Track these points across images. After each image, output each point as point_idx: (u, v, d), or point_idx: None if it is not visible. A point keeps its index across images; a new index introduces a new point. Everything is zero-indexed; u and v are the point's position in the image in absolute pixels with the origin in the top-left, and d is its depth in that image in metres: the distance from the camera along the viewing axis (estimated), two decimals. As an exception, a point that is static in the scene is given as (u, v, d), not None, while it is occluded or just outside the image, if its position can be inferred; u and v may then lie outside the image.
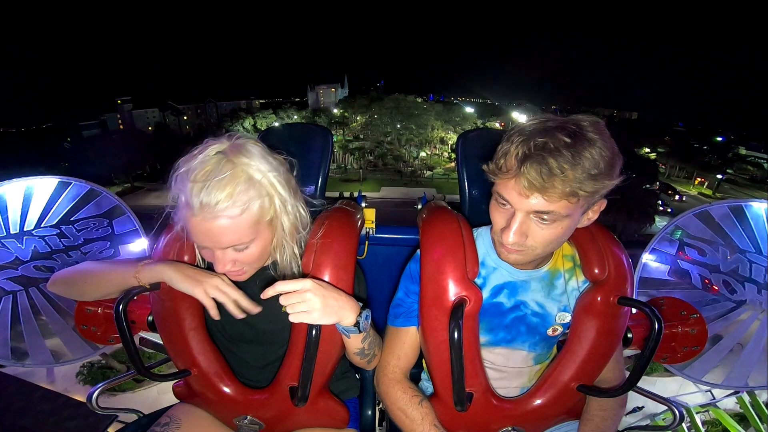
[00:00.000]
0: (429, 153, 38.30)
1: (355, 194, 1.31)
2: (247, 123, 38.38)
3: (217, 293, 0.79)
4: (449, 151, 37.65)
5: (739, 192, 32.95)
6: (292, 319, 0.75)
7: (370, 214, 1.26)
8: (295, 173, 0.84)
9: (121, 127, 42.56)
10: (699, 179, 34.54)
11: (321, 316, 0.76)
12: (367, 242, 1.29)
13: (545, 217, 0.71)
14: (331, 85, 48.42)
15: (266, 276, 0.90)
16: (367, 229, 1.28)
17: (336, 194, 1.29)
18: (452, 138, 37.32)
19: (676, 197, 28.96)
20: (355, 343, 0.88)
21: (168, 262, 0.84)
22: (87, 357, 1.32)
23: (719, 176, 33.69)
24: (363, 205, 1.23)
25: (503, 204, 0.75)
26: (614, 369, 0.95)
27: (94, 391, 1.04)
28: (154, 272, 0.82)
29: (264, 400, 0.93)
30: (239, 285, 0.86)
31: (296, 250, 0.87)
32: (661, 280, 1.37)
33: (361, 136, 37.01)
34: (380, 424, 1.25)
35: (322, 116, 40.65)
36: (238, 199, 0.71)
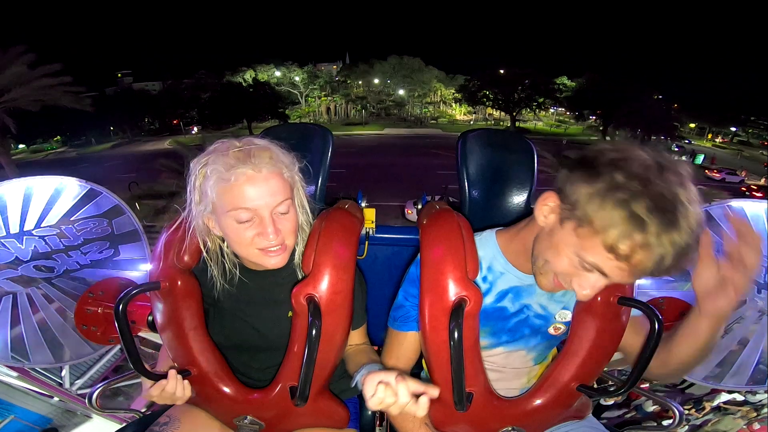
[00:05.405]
0: (432, 109, 39.49)
1: (356, 190, 1.30)
2: (248, 75, 38.12)
3: (165, 399, 0.86)
4: (452, 94, 39.08)
5: (754, 150, 33.16)
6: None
7: (370, 214, 1.26)
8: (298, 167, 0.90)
9: (120, 99, 42.90)
10: (711, 134, 34.66)
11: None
12: (367, 242, 1.29)
13: None
14: (333, 63, 48.90)
15: (274, 280, 0.93)
16: (367, 229, 1.28)
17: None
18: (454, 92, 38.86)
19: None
20: None
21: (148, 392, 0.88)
22: (87, 357, 1.32)
23: (733, 128, 33.58)
24: (363, 204, 1.23)
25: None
26: None
27: (94, 391, 1.04)
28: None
29: (264, 400, 0.93)
30: (251, 284, 0.92)
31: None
32: (661, 280, 1.36)
33: (363, 96, 37.67)
34: (380, 424, 1.25)
35: (323, 74, 40.94)
36: (277, 160, 0.82)
